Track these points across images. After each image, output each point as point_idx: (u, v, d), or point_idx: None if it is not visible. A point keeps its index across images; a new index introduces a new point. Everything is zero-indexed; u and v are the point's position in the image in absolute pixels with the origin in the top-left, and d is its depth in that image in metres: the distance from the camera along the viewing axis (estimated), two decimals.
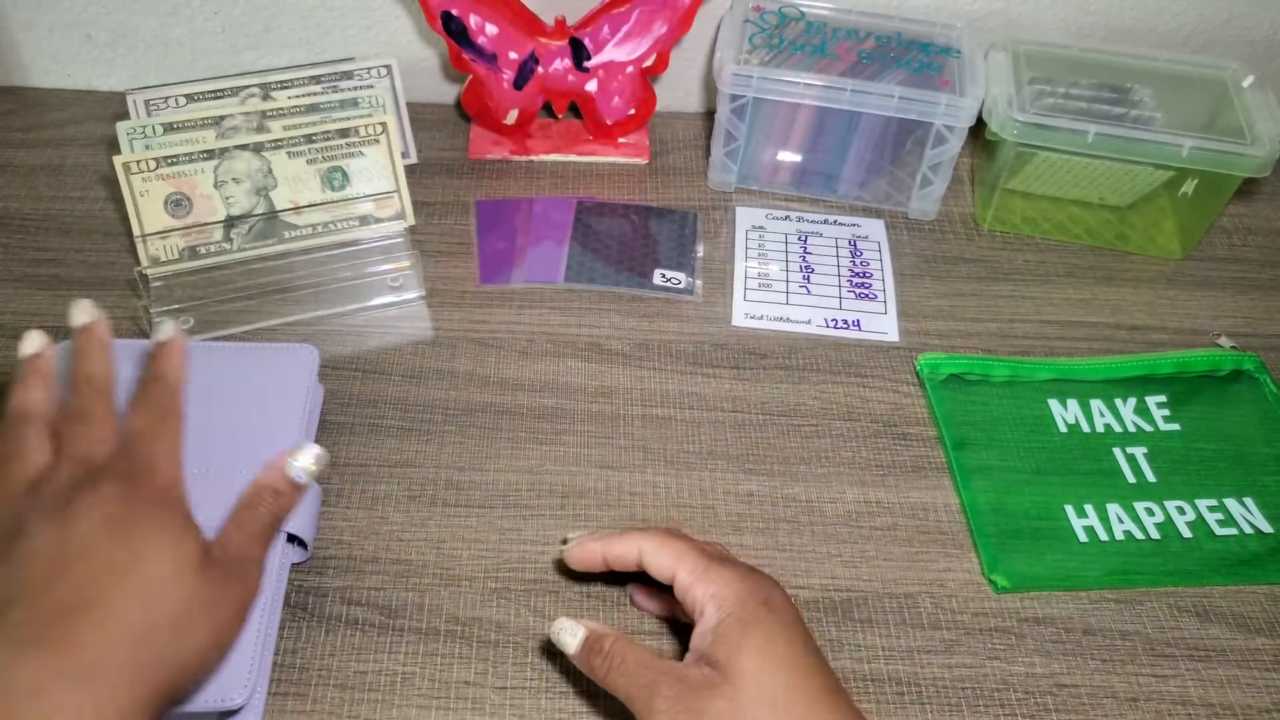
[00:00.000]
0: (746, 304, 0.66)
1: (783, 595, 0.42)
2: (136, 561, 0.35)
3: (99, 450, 0.38)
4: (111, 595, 0.34)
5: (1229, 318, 0.68)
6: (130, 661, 0.34)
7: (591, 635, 0.42)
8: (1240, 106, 0.67)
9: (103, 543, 0.35)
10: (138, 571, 0.35)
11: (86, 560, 0.35)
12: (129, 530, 0.36)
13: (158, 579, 0.35)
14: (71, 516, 0.36)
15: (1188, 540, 0.55)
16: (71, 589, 0.34)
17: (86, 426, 0.39)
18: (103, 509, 0.36)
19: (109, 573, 0.35)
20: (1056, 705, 0.49)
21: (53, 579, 0.34)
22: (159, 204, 0.61)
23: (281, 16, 0.75)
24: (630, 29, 0.70)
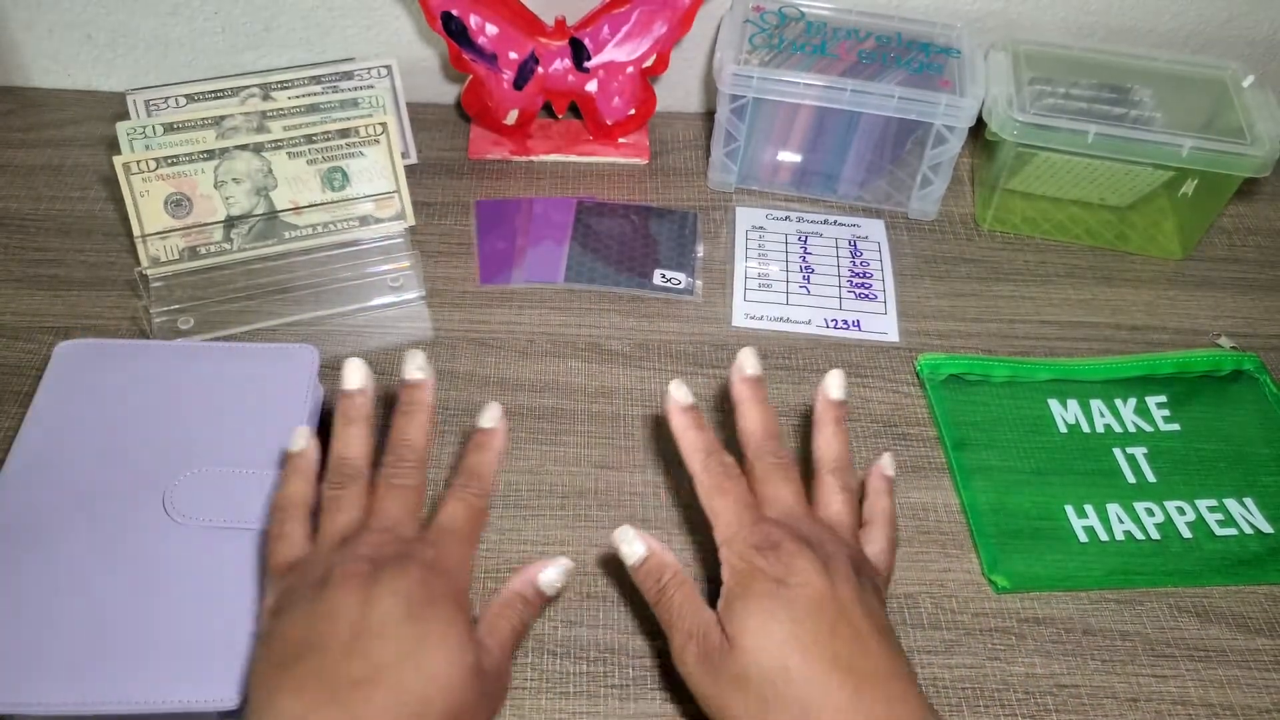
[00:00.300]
0: (746, 304, 0.66)
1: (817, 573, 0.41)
2: (425, 653, 0.38)
3: (408, 523, 0.42)
4: (399, 677, 0.37)
5: (1229, 318, 0.68)
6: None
7: (653, 560, 0.44)
8: (1240, 106, 0.67)
9: (399, 624, 0.38)
10: (424, 664, 0.38)
11: (382, 639, 0.37)
12: (425, 621, 0.39)
13: (439, 675, 0.38)
14: (379, 586, 0.38)
15: (1188, 540, 0.55)
16: (366, 663, 0.37)
17: (402, 498, 0.43)
18: (406, 591, 0.39)
19: (400, 656, 0.37)
20: (1057, 705, 0.49)
21: (350, 646, 0.37)
22: (159, 204, 0.61)
23: (281, 16, 0.75)
24: (630, 29, 0.70)
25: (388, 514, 0.42)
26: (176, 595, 0.45)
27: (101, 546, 0.47)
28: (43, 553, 0.46)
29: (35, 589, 0.45)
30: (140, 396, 0.53)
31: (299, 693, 0.36)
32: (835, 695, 0.39)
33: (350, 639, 0.37)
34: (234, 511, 0.48)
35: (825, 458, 0.47)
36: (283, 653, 0.38)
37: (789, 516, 0.44)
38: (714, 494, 0.45)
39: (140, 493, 0.48)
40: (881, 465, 0.50)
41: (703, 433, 0.47)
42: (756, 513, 0.44)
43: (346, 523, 0.42)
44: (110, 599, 0.45)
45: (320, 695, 0.36)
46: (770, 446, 0.47)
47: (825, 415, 0.48)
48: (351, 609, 0.38)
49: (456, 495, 0.44)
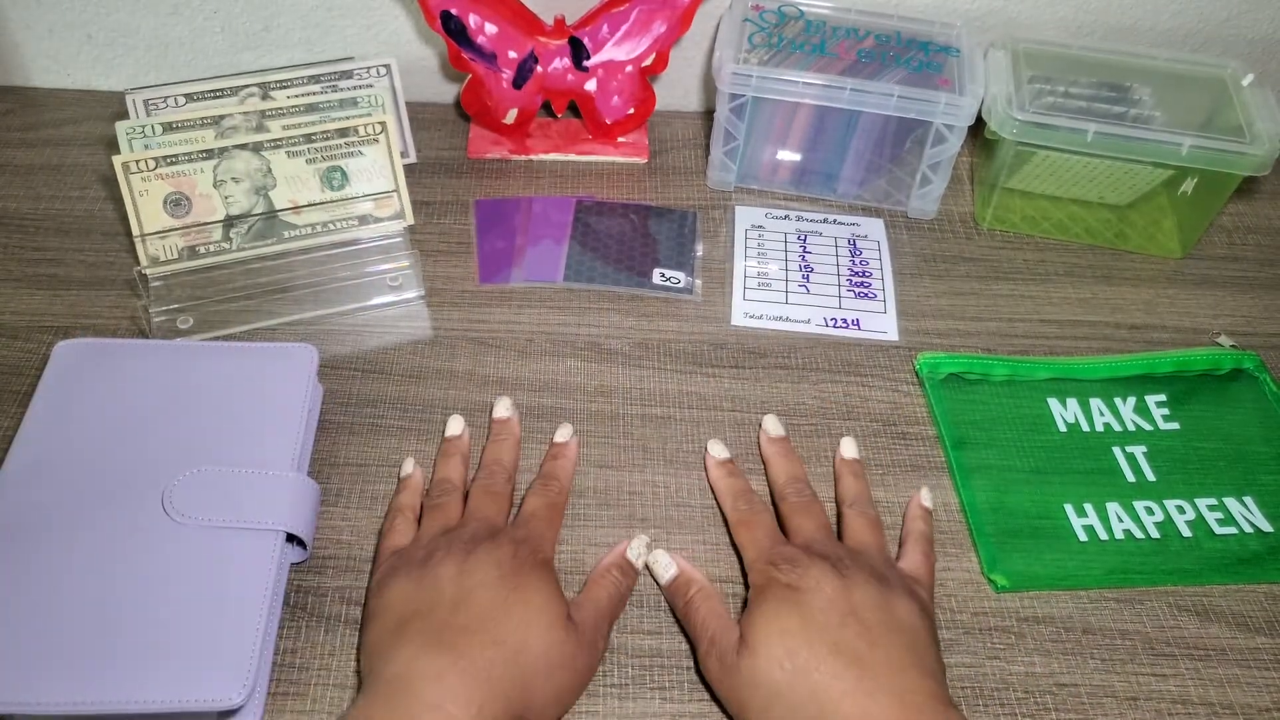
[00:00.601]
0: (746, 303, 0.66)
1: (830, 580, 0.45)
2: (517, 605, 0.44)
3: (499, 518, 0.50)
4: (497, 625, 0.43)
5: (1229, 316, 0.68)
6: (502, 677, 0.42)
7: (681, 578, 0.50)
8: (1240, 105, 0.67)
9: (495, 584, 0.44)
10: (518, 613, 0.44)
11: (481, 595, 0.44)
12: (515, 580, 0.45)
13: (532, 623, 0.44)
14: (474, 559, 0.45)
15: (1187, 539, 0.55)
16: (468, 615, 0.43)
17: (494, 500, 0.51)
18: (498, 559, 0.46)
19: (496, 608, 0.44)
20: (1056, 705, 0.49)
21: (455, 604, 0.44)
22: (158, 204, 0.61)
23: (281, 16, 0.75)
24: (629, 28, 0.70)
25: (482, 511, 0.50)
26: (176, 595, 0.45)
27: (101, 546, 0.47)
28: (42, 553, 0.46)
29: (35, 589, 0.45)
30: (140, 396, 0.53)
31: (411, 643, 0.42)
32: (841, 679, 0.41)
33: (452, 600, 0.44)
34: (234, 511, 0.48)
35: (846, 497, 0.53)
36: (394, 620, 0.44)
37: (811, 541, 0.49)
38: (742, 528, 0.51)
39: (140, 492, 0.48)
40: (920, 497, 0.55)
41: (736, 480, 0.54)
42: (779, 539, 0.49)
43: (446, 521, 0.50)
44: (110, 599, 0.45)
45: (430, 642, 0.42)
46: (795, 488, 0.53)
47: (844, 469, 0.55)
48: (452, 578, 0.45)
49: (537, 492, 0.52)
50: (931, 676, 0.42)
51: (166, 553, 0.47)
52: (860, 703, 0.41)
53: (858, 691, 0.41)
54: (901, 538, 0.53)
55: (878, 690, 0.41)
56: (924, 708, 0.41)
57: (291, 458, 0.51)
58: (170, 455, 0.50)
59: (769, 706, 0.42)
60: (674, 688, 0.48)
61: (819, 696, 0.41)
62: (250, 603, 0.46)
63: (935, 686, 0.42)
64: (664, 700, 0.48)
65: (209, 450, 0.50)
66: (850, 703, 0.41)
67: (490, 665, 0.42)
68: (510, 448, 0.55)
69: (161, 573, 0.46)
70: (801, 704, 0.41)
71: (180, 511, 0.48)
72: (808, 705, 0.41)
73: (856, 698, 0.41)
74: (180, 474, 0.49)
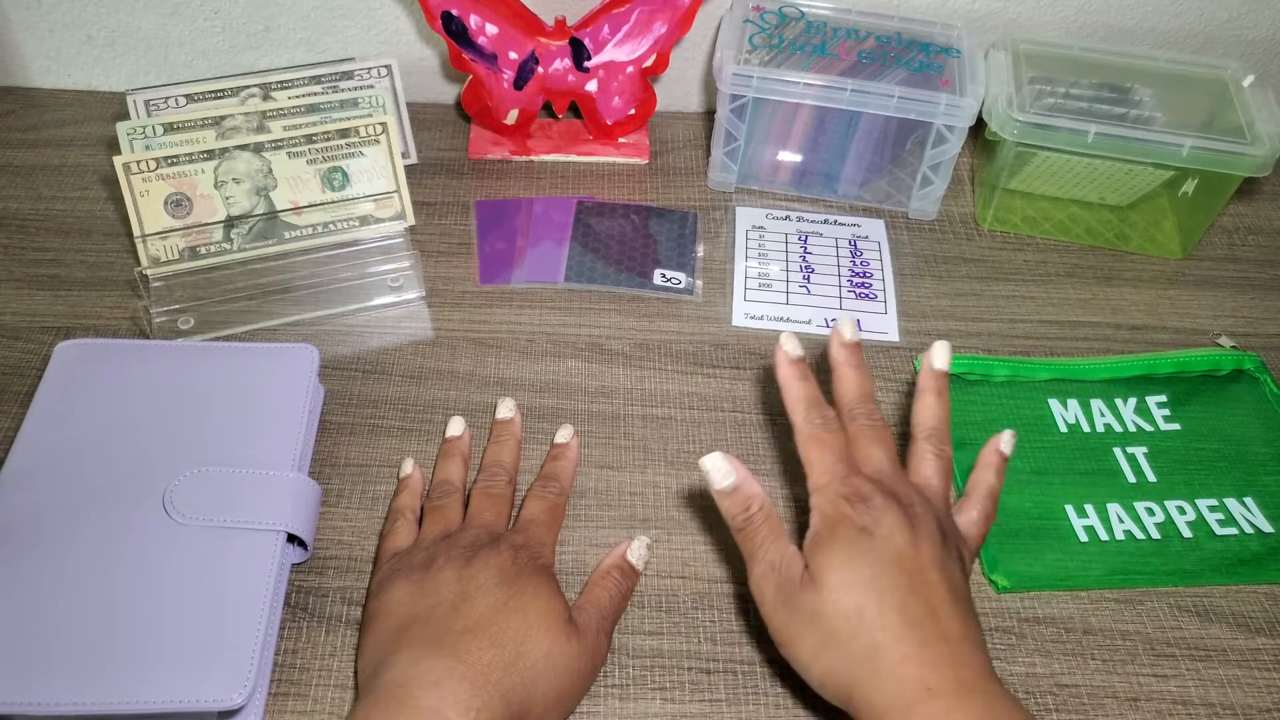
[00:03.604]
0: (747, 304, 0.66)
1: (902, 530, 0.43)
2: (517, 610, 0.44)
3: (499, 523, 0.50)
4: (496, 629, 0.43)
5: (1229, 317, 0.68)
6: (501, 680, 0.42)
7: (742, 491, 0.46)
8: (1240, 106, 0.67)
9: (494, 590, 0.45)
10: (517, 617, 0.44)
11: (481, 600, 0.44)
12: (515, 585, 0.45)
13: (531, 627, 0.44)
14: (474, 565, 0.46)
15: (1188, 540, 0.55)
16: (467, 619, 0.44)
17: (494, 503, 0.51)
18: (498, 565, 0.46)
19: (496, 612, 0.44)
20: (1057, 705, 0.49)
21: (455, 609, 0.44)
22: (159, 204, 0.61)
23: (281, 17, 0.75)
24: (630, 29, 0.70)
25: (482, 516, 0.50)
26: (177, 595, 0.45)
27: (102, 546, 0.47)
28: (43, 553, 0.46)
29: (35, 589, 0.45)
30: (140, 396, 0.53)
31: (410, 648, 0.43)
32: (904, 643, 0.40)
33: (452, 603, 0.44)
34: (235, 511, 0.48)
35: (922, 424, 0.49)
36: (393, 624, 0.44)
37: (881, 475, 0.46)
38: (810, 444, 0.47)
39: (140, 493, 0.48)
40: (1000, 440, 0.50)
41: (808, 384, 0.48)
42: (851, 466, 0.46)
43: (446, 524, 0.50)
44: (111, 599, 0.45)
45: (429, 646, 0.42)
46: (865, 409, 0.48)
47: (927, 384, 0.50)
48: (452, 583, 0.45)
49: (537, 494, 0.52)
50: (982, 649, 0.42)
51: (167, 553, 0.47)
52: (919, 669, 0.40)
53: (918, 658, 0.40)
54: (968, 486, 0.50)
55: (938, 659, 0.40)
56: (977, 684, 0.40)
57: (292, 458, 0.51)
58: (171, 455, 0.50)
59: (822, 649, 0.42)
60: (675, 688, 0.48)
61: (877, 655, 0.40)
62: (251, 603, 0.46)
63: (986, 660, 0.42)
64: (665, 700, 0.48)
65: (210, 450, 0.50)
66: (909, 668, 0.40)
67: (489, 669, 0.42)
68: (511, 449, 0.55)
69: (162, 573, 0.46)
70: (858, 657, 0.41)
71: (181, 512, 0.48)
72: (864, 660, 0.41)
73: (916, 664, 0.40)
74: (181, 474, 0.49)
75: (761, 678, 0.49)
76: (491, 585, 0.45)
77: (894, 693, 0.40)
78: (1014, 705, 0.40)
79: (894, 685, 0.40)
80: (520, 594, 0.45)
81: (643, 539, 0.52)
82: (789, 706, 0.48)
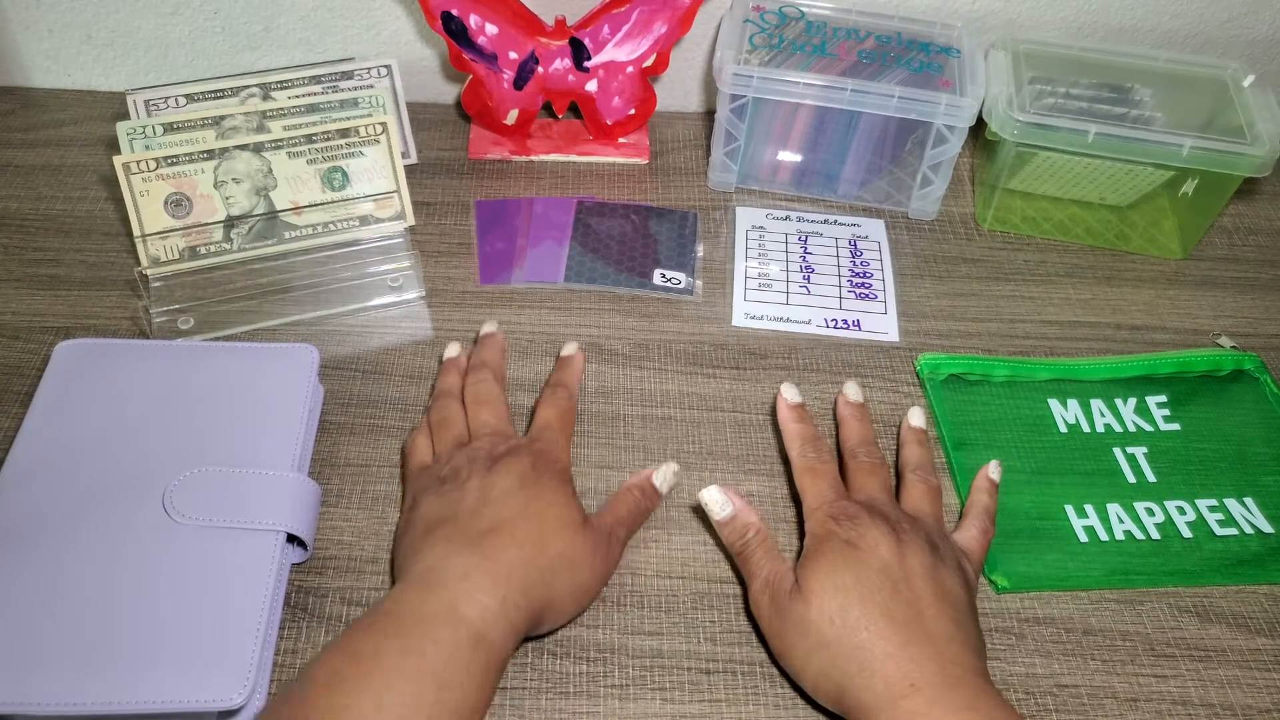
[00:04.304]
0: (747, 304, 0.66)
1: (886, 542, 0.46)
2: (536, 510, 0.47)
3: (502, 423, 0.53)
4: (518, 529, 0.46)
5: (1229, 318, 0.68)
6: (524, 576, 0.45)
7: (738, 519, 0.50)
8: (1240, 106, 0.67)
9: (515, 492, 0.48)
10: (536, 519, 0.47)
11: (503, 503, 0.47)
12: (534, 488, 0.48)
13: (549, 527, 0.47)
14: (497, 471, 0.49)
15: (1188, 540, 0.55)
16: (491, 520, 0.46)
17: (489, 407, 0.54)
18: (519, 471, 0.49)
19: (518, 514, 0.47)
20: (1057, 705, 0.49)
21: (478, 510, 0.47)
22: (159, 204, 0.61)
23: (281, 17, 0.75)
24: (630, 29, 0.70)
25: (485, 422, 0.53)
26: (177, 595, 0.45)
27: (101, 546, 0.47)
28: (43, 552, 0.46)
29: (35, 589, 0.45)
30: (140, 396, 0.53)
31: (440, 544, 0.46)
32: (888, 642, 0.43)
33: (476, 508, 0.47)
34: (235, 511, 0.48)
35: (909, 462, 0.54)
36: (422, 527, 0.47)
37: (873, 500, 0.49)
38: (805, 475, 0.51)
39: (140, 493, 0.48)
40: (989, 469, 0.55)
41: (805, 425, 0.54)
42: (841, 492, 0.50)
43: (456, 434, 0.53)
44: (110, 599, 0.45)
45: (457, 544, 0.45)
46: (864, 450, 0.53)
47: (908, 437, 0.55)
48: (475, 489, 0.48)
49: (548, 401, 0.55)
50: (974, 651, 0.44)
51: (167, 553, 0.47)
52: (902, 666, 0.42)
53: (902, 655, 0.42)
54: (965, 509, 0.54)
55: (922, 657, 0.42)
56: (963, 680, 0.42)
57: (292, 458, 0.51)
58: (171, 455, 0.50)
59: (813, 653, 0.44)
60: (675, 688, 0.48)
61: (862, 654, 0.43)
62: (251, 603, 0.46)
63: (975, 661, 0.43)
64: (665, 701, 0.48)
65: (210, 450, 0.50)
66: (893, 665, 0.42)
67: (512, 565, 0.45)
68: (495, 352, 0.58)
69: (162, 573, 0.46)
70: (846, 657, 0.43)
71: (181, 512, 0.48)
72: (851, 660, 0.43)
73: (900, 661, 0.42)
74: (181, 474, 0.49)
75: (761, 678, 0.49)
76: (513, 490, 0.48)
77: (880, 690, 0.42)
78: (998, 701, 0.42)
79: (880, 683, 0.42)
80: (539, 498, 0.48)
81: (671, 464, 0.54)
82: (789, 707, 0.48)
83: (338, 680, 0.40)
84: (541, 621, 0.46)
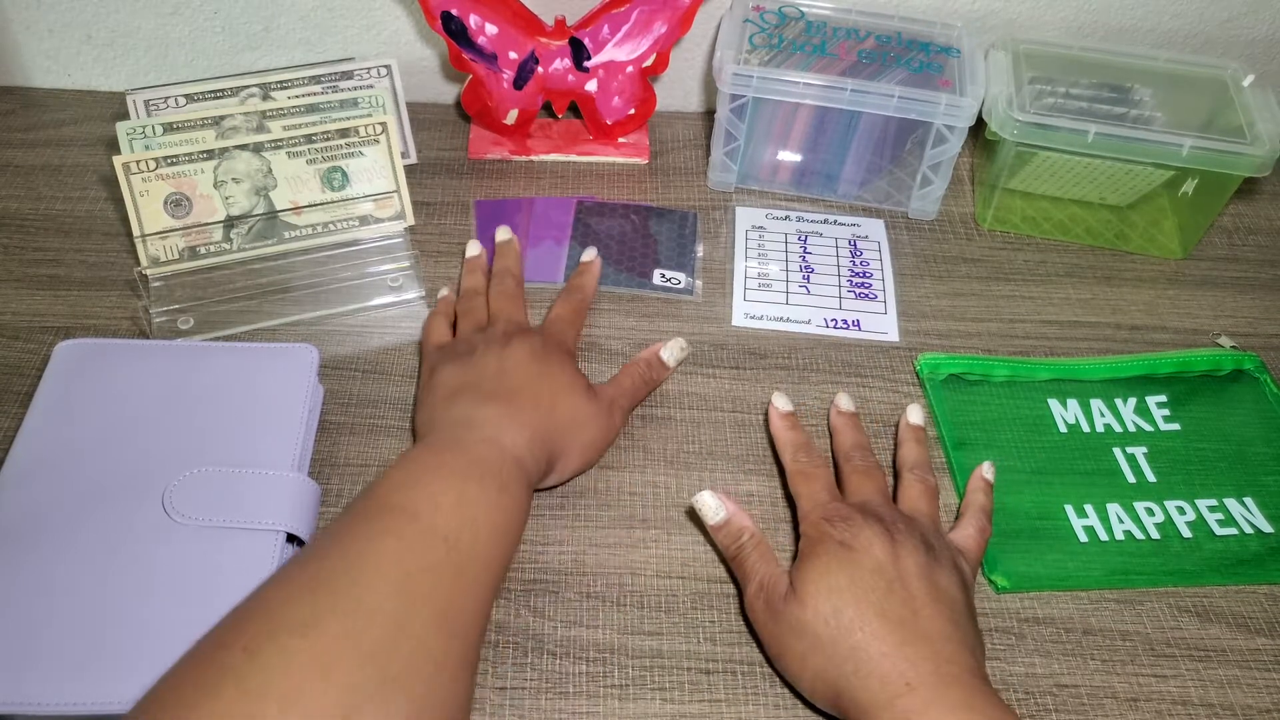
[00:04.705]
0: (746, 304, 0.66)
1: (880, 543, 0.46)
2: (547, 378, 0.53)
3: (519, 315, 0.59)
4: (533, 390, 0.52)
5: (1229, 317, 0.68)
6: (541, 425, 0.50)
7: (732, 524, 0.50)
8: (1240, 106, 0.67)
9: (528, 363, 0.53)
10: (547, 383, 0.52)
11: (517, 370, 0.52)
12: (544, 362, 0.53)
13: (559, 390, 0.52)
14: (511, 345, 0.54)
15: (1188, 540, 0.55)
16: (509, 383, 0.52)
17: (510, 301, 0.60)
18: (530, 345, 0.54)
19: (531, 377, 0.52)
20: (1057, 705, 0.49)
21: (497, 376, 0.52)
22: (159, 204, 0.61)
23: (281, 17, 0.75)
24: (630, 29, 0.70)
25: (504, 311, 0.59)
26: (176, 595, 0.45)
27: (101, 546, 0.47)
28: (43, 552, 0.46)
29: (35, 589, 0.45)
30: (140, 396, 0.53)
31: (465, 400, 0.50)
32: (883, 642, 0.43)
33: (494, 374, 0.52)
34: (234, 511, 0.48)
35: (906, 461, 0.55)
36: (445, 392, 0.52)
37: (867, 502, 0.50)
38: (799, 479, 0.52)
39: (140, 493, 0.48)
40: (983, 470, 0.55)
41: (797, 432, 0.55)
42: (834, 495, 0.51)
43: (477, 321, 0.58)
44: (110, 599, 0.45)
45: (481, 399, 0.50)
46: (858, 454, 0.54)
47: (906, 435, 0.56)
48: (494, 360, 0.53)
49: (563, 298, 0.61)
50: (970, 650, 0.44)
51: (167, 553, 0.47)
52: (898, 665, 0.42)
53: (897, 655, 0.42)
54: (961, 508, 0.54)
55: (918, 656, 0.42)
56: (959, 679, 0.42)
57: (292, 458, 0.51)
58: (170, 455, 0.50)
59: (809, 655, 0.44)
60: (675, 688, 0.48)
61: (858, 654, 0.43)
62: None
63: (971, 660, 0.43)
64: (664, 701, 0.48)
65: (209, 450, 0.50)
66: (889, 664, 0.42)
67: (532, 416, 0.50)
68: (515, 259, 0.63)
69: (161, 573, 0.46)
70: (841, 658, 0.43)
71: (180, 512, 0.48)
72: (847, 661, 0.43)
73: (895, 660, 0.42)
74: (180, 474, 0.49)
75: (761, 678, 0.49)
76: (526, 359, 0.53)
77: (876, 689, 0.42)
78: (994, 699, 0.42)
79: (876, 682, 0.42)
80: (549, 366, 0.53)
81: (679, 340, 0.59)
82: (789, 707, 0.48)
83: (412, 480, 0.45)
84: (553, 468, 0.51)
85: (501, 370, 0.52)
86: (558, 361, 0.54)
